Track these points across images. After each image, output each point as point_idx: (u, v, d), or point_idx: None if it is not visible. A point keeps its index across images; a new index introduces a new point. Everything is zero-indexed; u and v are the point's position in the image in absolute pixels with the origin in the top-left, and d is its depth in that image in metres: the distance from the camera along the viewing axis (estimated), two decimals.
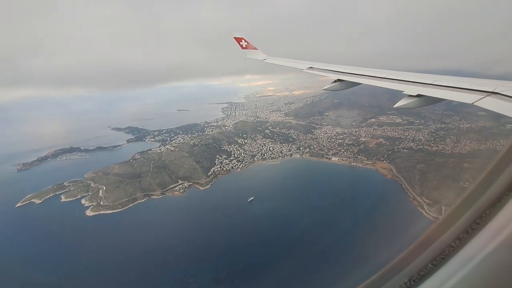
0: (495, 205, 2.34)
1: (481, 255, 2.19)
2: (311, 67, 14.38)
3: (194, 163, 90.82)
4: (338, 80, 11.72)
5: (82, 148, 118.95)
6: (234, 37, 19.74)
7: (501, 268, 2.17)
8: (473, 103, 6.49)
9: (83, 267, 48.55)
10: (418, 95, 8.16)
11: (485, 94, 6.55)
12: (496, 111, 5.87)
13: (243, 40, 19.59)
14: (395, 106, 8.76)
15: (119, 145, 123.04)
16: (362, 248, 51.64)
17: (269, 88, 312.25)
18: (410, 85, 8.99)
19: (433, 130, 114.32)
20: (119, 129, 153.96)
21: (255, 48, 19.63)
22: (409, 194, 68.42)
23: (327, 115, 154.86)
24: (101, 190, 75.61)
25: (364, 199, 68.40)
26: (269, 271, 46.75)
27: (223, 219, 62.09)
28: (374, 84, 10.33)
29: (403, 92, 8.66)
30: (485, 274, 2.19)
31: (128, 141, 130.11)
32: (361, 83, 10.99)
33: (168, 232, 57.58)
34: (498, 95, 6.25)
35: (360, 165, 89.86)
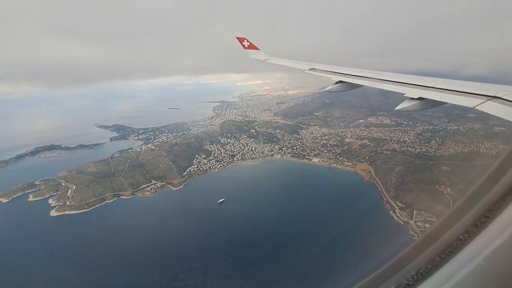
0: (505, 198, 2.29)
1: (489, 249, 2.16)
2: (312, 68, 14.19)
3: (170, 163, 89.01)
4: (340, 81, 11.61)
5: (63, 146, 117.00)
6: (236, 37, 19.38)
7: (510, 262, 2.13)
8: (474, 107, 6.49)
9: (33, 271, 46.61)
10: (420, 98, 8.10)
11: (486, 98, 6.57)
12: (497, 115, 5.84)
13: (245, 40, 19.28)
14: (396, 108, 8.61)
15: (101, 143, 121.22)
16: (326, 250, 50.17)
17: (265, 88, 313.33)
18: (412, 87, 8.92)
19: (419, 132, 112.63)
20: (105, 127, 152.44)
21: (257, 49, 19.33)
22: (383, 197, 66.54)
23: (316, 115, 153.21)
24: (70, 190, 73.78)
25: (338, 202, 66.60)
26: (225, 276, 44.90)
27: (188, 221, 60.05)
28: (376, 86, 10.23)
29: (405, 95, 8.54)
30: (492, 269, 2.17)
31: (111, 139, 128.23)
32: (362, 85, 10.87)
33: (128, 235, 55.57)
34: (499, 100, 6.27)
35: (340, 166, 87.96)
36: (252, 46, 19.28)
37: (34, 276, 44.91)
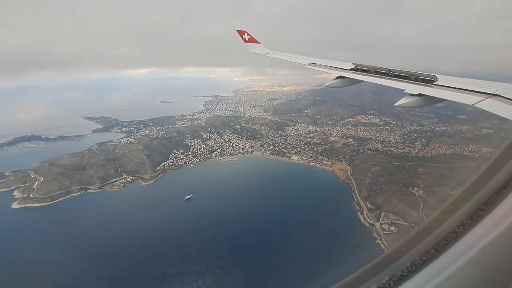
0: (501, 191, 2.31)
1: (484, 241, 2.21)
2: (313, 63, 14.17)
3: (144, 157, 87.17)
4: (340, 76, 11.50)
5: (43, 136, 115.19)
6: (237, 30, 19.15)
7: (504, 255, 2.18)
8: (473, 104, 6.50)
9: None
10: (420, 94, 8.05)
11: (485, 96, 6.56)
12: (495, 113, 5.83)
13: (245, 34, 19.04)
14: (395, 104, 8.48)
15: (83, 135, 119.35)
16: (282, 249, 48.67)
17: (262, 83, 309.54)
18: (412, 84, 8.93)
19: (406, 132, 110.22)
20: (90, 119, 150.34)
21: (258, 42, 19.02)
22: (355, 197, 64.69)
23: (306, 113, 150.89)
24: (37, 182, 72.13)
25: (308, 201, 64.75)
26: (169, 274, 43.32)
27: (150, 217, 58.40)
28: (376, 82, 10.14)
29: (404, 91, 8.53)
30: (488, 260, 2.23)
31: (94, 131, 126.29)
32: (362, 81, 10.84)
33: (83, 229, 53.98)
34: (499, 97, 6.30)
35: (319, 165, 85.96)
36: (252, 40, 18.93)
37: None
